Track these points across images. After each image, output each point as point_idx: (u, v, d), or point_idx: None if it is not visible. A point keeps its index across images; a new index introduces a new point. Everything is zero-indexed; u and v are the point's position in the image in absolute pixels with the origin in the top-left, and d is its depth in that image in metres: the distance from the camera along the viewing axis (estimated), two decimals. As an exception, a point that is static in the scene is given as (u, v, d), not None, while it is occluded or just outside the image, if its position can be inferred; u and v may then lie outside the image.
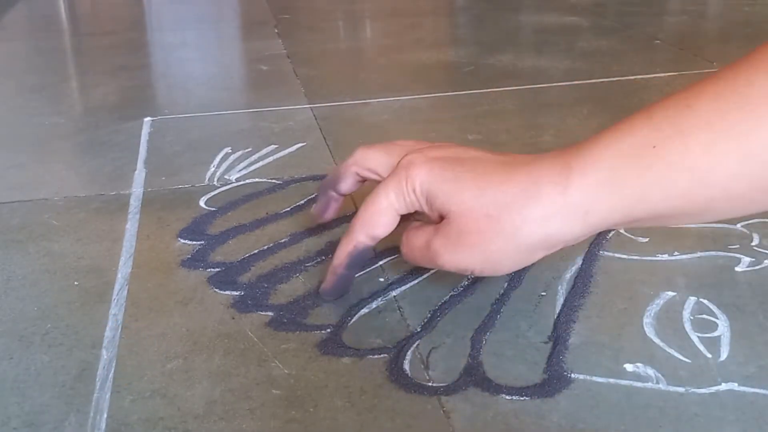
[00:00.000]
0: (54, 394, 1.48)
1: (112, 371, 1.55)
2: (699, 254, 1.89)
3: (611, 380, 1.46)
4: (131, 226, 2.22)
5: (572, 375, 1.48)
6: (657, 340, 1.57)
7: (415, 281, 1.82)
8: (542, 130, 2.91)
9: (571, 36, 4.53)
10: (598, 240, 1.99)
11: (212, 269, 1.94)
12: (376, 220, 1.44)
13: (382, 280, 1.84)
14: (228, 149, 2.80)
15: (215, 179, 2.54)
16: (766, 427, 1.32)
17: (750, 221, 2.07)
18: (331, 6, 6.12)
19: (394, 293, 1.77)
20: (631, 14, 5.08)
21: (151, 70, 4.42)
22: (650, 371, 1.48)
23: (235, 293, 1.82)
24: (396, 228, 1.60)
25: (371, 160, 1.70)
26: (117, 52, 4.63)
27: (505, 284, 1.79)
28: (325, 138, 2.90)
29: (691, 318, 1.64)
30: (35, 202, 2.42)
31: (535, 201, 1.23)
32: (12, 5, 6.35)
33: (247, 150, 2.80)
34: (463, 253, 1.32)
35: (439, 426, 1.35)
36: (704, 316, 1.64)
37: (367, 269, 1.90)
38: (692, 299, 1.70)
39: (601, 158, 1.20)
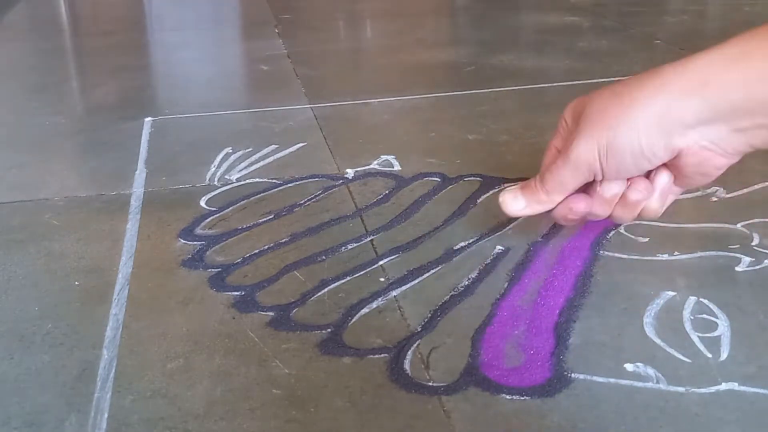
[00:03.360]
0: (55, 394, 1.48)
1: (113, 371, 1.55)
2: (699, 254, 1.89)
3: (611, 380, 1.46)
4: (132, 226, 2.22)
5: (572, 375, 1.48)
6: (657, 340, 1.57)
7: (416, 281, 1.82)
8: (542, 130, 2.91)
9: (571, 36, 4.53)
10: (598, 240, 1.99)
11: (212, 269, 1.95)
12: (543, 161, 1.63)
13: (382, 279, 1.84)
14: (228, 149, 2.80)
15: (216, 179, 2.55)
16: (767, 428, 1.32)
17: (750, 221, 2.07)
18: (332, 6, 6.12)
19: (394, 293, 1.77)
20: (631, 14, 5.08)
21: (152, 70, 4.42)
22: (650, 371, 1.48)
23: (235, 293, 1.82)
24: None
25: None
26: (117, 52, 4.63)
27: (506, 284, 1.79)
28: (325, 138, 2.90)
29: (692, 318, 1.64)
30: (36, 202, 2.42)
31: (654, 74, 1.37)
32: (12, 5, 6.35)
33: (247, 150, 2.80)
34: (587, 136, 1.41)
35: (440, 426, 1.35)
36: (704, 315, 1.65)
37: (368, 269, 1.90)
38: (692, 299, 1.70)
39: (727, 44, 1.30)
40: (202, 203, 2.36)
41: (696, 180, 1.53)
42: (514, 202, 1.62)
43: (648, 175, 1.52)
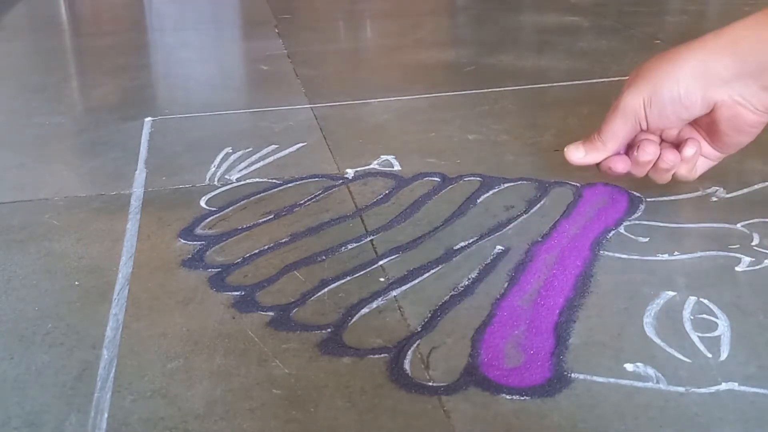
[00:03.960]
0: (55, 394, 1.48)
1: (113, 371, 1.55)
2: (699, 254, 1.89)
3: (611, 380, 1.46)
4: (132, 226, 2.22)
5: (572, 375, 1.48)
6: (657, 340, 1.57)
7: (416, 281, 1.82)
8: (542, 130, 2.91)
9: (571, 36, 4.53)
10: (598, 240, 1.99)
11: (212, 269, 1.95)
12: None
13: (382, 279, 1.84)
14: (228, 149, 2.80)
15: (216, 179, 2.55)
16: (767, 427, 1.32)
17: (750, 221, 2.07)
18: (332, 6, 6.12)
19: (394, 293, 1.77)
20: (631, 14, 5.09)
21: (152, 70, 4.42)
22: (650, 371, 1.48)
23: (235, 293, 1.82)
24: None
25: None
26: (117, 52, 4.63)
27: (506, 284, 1.79)
28: (325, 138, 2.90)
29: (692, 318, 1.64)
30: (36, 202, 2.42)
31: (697, 39, 1.64)
32: (12, 5, 6.35)
33: (247, 150, 2.80)
34: (635, 89, 1.69)
35: (440, 426, 1.35)
36: (704, 315, 1.65)
37: (368, 269, 1.90)
38: (692, 299, 1.70)
39: (761, 12, 1.53)
40: (202, 203, 2.36)
41: (732, 138, 1.77)
42: (576, 152, 1.86)
43: (678, 148, 1.82)
